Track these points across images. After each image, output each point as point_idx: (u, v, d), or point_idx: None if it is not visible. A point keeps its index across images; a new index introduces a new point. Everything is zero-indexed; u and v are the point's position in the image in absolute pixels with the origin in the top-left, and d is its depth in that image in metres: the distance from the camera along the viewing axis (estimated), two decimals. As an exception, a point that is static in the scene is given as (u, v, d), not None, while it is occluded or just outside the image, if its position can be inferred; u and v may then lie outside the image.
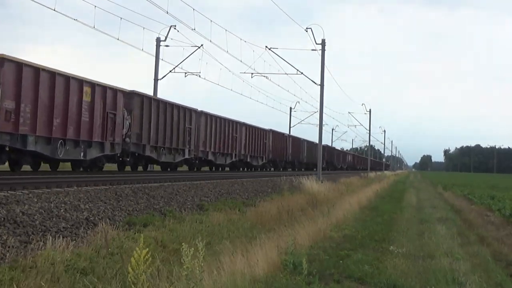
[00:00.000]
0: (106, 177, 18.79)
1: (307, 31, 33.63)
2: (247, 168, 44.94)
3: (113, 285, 7.08)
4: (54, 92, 19.06)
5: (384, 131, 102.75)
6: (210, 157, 35.29)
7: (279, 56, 46.84)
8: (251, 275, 7.52)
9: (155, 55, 34.61)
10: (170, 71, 35.46)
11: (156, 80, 34.80)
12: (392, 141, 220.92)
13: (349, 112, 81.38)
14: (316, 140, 41.49)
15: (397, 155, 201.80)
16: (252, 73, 37.73)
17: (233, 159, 39.80)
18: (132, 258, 4.66)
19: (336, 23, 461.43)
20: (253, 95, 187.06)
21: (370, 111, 73.17)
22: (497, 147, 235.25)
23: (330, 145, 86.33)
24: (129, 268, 4.68)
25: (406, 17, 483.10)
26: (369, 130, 77.06)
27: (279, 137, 52.85)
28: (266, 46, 34.75)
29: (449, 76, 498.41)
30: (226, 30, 31.58)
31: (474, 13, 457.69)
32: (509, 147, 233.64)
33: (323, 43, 34.80)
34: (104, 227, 10.90)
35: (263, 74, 38.90)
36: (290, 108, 66.11)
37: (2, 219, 9.92)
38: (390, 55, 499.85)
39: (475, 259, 10.75)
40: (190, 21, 66.35)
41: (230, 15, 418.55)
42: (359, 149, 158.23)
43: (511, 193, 32.14)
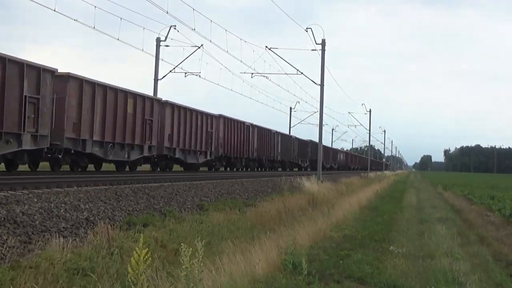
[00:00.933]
0: (106, 177, 18.80)
1: (307, 31, 33.64)
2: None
3: (113, 285, 7.09)
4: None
5: (384, 131, 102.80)
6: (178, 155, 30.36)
7: (279, 56, 46.97)
8: (251, 275, 7.52)
9: (155, 55, 34.61)
10: (170, 71, 35.44)
11: (156, 80, 34.78)
12: (392, 141, 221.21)
13: (349, 112, 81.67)
14: (317, 140, 41.46)
15: (397, 155, 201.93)
16: (252, 73, 37.73)
17: (208, 158, 34.61)
18: (132, 258, 4.66)
19: (336, 23, 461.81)
20: (253, 95, 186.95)
21: (370, 111, 73.20)
22: (497, 147, 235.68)
23: (314, 141, 67.04)
24: (129, 268, 4.68)
25: (406, 17, 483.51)
26: (369, 130, 77.10)
27: (235, 127, 39.91)
28: (266, 46, 34.76)
29: (449, 76, 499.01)
30: (226, 30, 31.66)
31: (474, 13, 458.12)
32: (509, 147, 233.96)
33: (323, 43, 34.80)
34: (105, 227, 10.90)
35: (263, 74, 38.90)
36: (290, 108, 66.10)
37: (2, 219, 9.92)
38: (390, 55, 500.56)
39: (475, 259, 10.75)
40: (190, 21, 66.34)
41: (230, 15, 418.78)
42: (359, 149, 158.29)
43: (511, 193, 32.14)
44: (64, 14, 40.04)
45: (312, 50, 34.90)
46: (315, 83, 35.60)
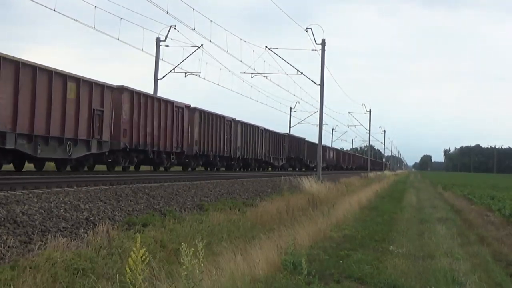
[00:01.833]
0: (106, 177, 18.80)
1: (307, 31, 33.65)
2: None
3: (113, 285, 7.08)
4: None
5: (384, 131, 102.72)
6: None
7: (279, 56, 47.02)
8: (251, 275, 7.52)
9: (155, 55, 34.62)
10: (170, 71, 35.48)
11: (156, 80, 34.79)
12: (392, 141, 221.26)
13: (349, 112, 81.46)
14: (316, 140, 41.46)
15: (397, 155, 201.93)
16: (252, 73, 37.69)
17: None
18: (130, 258, 4.65)
19: (336, 23, 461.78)
20: (253, 95, 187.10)
21: (370, 111, 73.14)
22: (497, 147, 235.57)
23: (293, 135, 60.30)
24: (127, 268, 4.67)
25: (406, 17, 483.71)
26: (369, 130, 77.05)
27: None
28: (266, 46, 34.76)
29: (449, 76, 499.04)
30: (226, 30, 31.58)
31: (474, 13, 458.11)
32: (509, 147, 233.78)
33: (323, 43, 34.81)
34: (105, 227, 10.90)
35: (263, 74, 38.90)
36: (290, 108, 66.02)
37: (2, 219, 9.92)
38: (390, 55, 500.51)
39: (475, 259, 10.75)
40: (190, 21, 66.37)
41: (230, 15, 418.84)
42: (359, 149, 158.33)
43: (511, 193, 32.14)
44: (64, 14, 40.07)
45: (312, 50, 34.95)
46: (315, 83, 35.63)
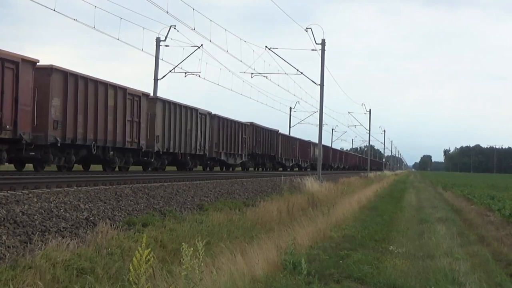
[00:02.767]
0: (106, 177, 18.80)
1: (307, 31, 33.65)
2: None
3: (113, 285, 7.09)
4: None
5: (384, 131, 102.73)
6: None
7: (279, 56, 46.88)
8: (251, 275, 7.53)
9: (155, 55, 34.60)
10: (170, 71, 35.46)
11: (156, 80, 34.79)
12: (392, 141, 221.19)
13: (349, 112, 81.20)
14: (316, 140, 41.41)
15: (397, 155, 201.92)
16: (252, 73, 37.62)
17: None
18: (134, 258, 4.66)
19: (336, 23, 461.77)
20: (253, 95, 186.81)
21: (370, 111, 73.19)
22: (497, 147, 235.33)
23: (258, 124, 44.73)
24: (131, 268, 4.67)
25: (406, 17, 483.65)
26: (369, 130, 77.06)
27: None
28: (266, 46, 34.75)
29: (449, 76, 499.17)
30: (226, 30, 31.52)
31: (474, 13, 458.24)
32: (509, 147, 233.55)
33: (323, 43, 34.80)
34: (105, 227, 10.91)
35: (263, 74, 38.87)
36: (290, 108, 65.99)
37: (2, 219, 9.92)
38: (390, 55, 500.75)
39: (475, 259, 10.74)
40: (190, 21, 66.37)
41: (230, 15, 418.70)
42: (359, 149, 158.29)
43: (511, 193, 32.14)
44: (64, 14, 40.08)
45: (312, 50, 34.95)
46: (315, 83, 35.63)
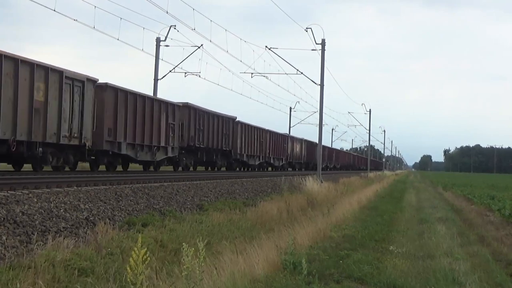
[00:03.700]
0: (106, 177, 18.79)
1: (307, 31, 33.64)
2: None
3: (113, 285, 7.08)
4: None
5: (384, 131, 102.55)
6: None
7: (279, 56, 46.90)
8: (251, 275, 7.53)
9: (155, 55, 34.61)
10: (170, 71, 35.46)
11: (156, 80, 34.79)
12: (392, 141, 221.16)
13: (349, 112, 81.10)
14: (316, 141, 41.43)
15: (397, 155, 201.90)
16: (252, 73, 37.62)
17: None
18: (131, 258, 4.64)
19: (336, 23, 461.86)
20: (253, 95, 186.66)
21: (370, 111, 73.12)
22: (497, 147, 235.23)
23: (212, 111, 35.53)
24: (128, 268, 4.66)
25: (406, 17, 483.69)
26: (369, 130, 77.00)
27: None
28: (266, 46, 34.73)
29: (449, 76, 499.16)
30: (226, 30, 31.51)
31: (474, 13, 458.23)
32: (509, 147, 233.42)
33: (323, 43, 34.80)
34: (104, 227, 10.91)
35: (263, 74, 38.87)
36: (290, 108, 65.95)
37: (2, 219, 9.92)
38: (390, 55, 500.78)
39: (475, 259, 10.73)
40: (190, 21, 66.40)
41: (230, 15, 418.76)
42: (359, 149, 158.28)
43: (511, 193, 32.14)
44: (64, 14, 40.09)
45: (312, 50, 34.95)
46: (315, 83, 35.63)
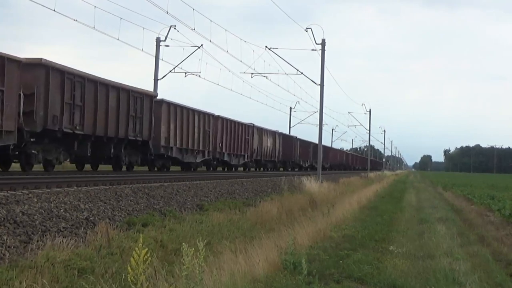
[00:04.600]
0: (106, 177, 18.79)
1: (307, 31, 33.63)
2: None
3: (113, 285, 7.08)
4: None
5: (384, 131, 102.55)
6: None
7: (279, 56, 46.87)
8: (251, 275, 7.53)
9: (155, 55, 34.58)
10: (170, 71, 35.43)
11: (156, 80, 34.78)
12: (392, 141, 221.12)
13: (349, 112, 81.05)
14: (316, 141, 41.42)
15: (397, 155, 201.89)
16: (252, 73, 37.61)
17: None
18: (132, 258, 4.65)
19: (336, 23, 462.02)
20: (253, 95, 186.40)
21: (370, 111, 73.09)
22: (497, 147, 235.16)
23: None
24: (129, 268, 4.67)
25: (406, 17, 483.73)
26: (369, 130, 76.98)
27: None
28: (266, 46, 34.71)
29: (449, 76, 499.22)
30: (226, 30, 31.50)
31: (474, 13, 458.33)
32: (509, 147, 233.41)
33: (323, 43, 34.79)
34: (105, 227, 10.90)
35: (263, 74, 38.87)
36: (290, 108, 65.95)
37: (2, 219, 9.92)
38: (390, 55, 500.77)
39: (475, 259, 10.73)
40: (190, 21, 66.31)
41: (230, 15, 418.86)
42: (359, 149, 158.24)
43: (511, 193, 32.14)
44: (64, 14, 40.06)
45: (312, 50, 34.94)
46: (315, 83, 35.61)
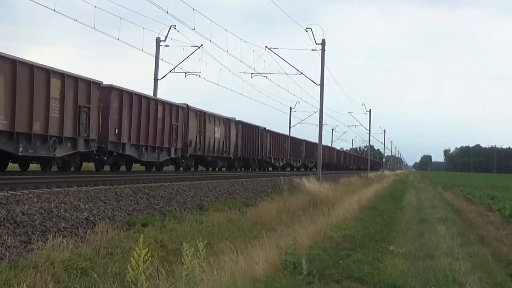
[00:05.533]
0: (106, 177, 18.78)
1: (307, 31, 33.68)
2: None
3: (113, 285, 7.08)
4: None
5: (384, 131, 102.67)
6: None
7: (279, 56, 46.98)
8: (251, 275, 7.53)
9: (155, 55, 34.60)
10: (170, 71, 35.47)
11: (156, 80, 34.79)
12: (392, 141, 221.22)
13: (349, 112, 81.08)
14: (316, 141, 41.45)
15: (397, 155, 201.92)
16: (252, 73, 37.65)
17: None
18: (132, 258, 4.64)
19: (336, 23, 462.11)
20: (253, 95, 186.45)
21: (370, 111, 73.14)
22: (497, 147, 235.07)
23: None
24: (129, 268, 4.66)
25: (406, 17, 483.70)
26: (369, 130, 77.04)
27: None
28: (266, 46, 34.77)
29: (449, 76, 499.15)
30: (226, 30, 31.54)
31: (474, 13, 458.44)
32: (509, 147, 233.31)
33: (323, 43, 34.82)
34: (104, 227, 10.91)
35: (263, 74, 38.92)
36: (290, 108, 65.96)
37: (2, 219, 9.92)
38: (390, 55, 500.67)
39: (475, 259, 10.74)
40: (190, 21, 66.38)
41: (230, 15, 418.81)
42: (359, 149, 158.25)
43: (511, 193, 32.14)
44: (64, 14, 40.08)
45: (312, 50, 34.98)
46: (315, 83, 35.66)
